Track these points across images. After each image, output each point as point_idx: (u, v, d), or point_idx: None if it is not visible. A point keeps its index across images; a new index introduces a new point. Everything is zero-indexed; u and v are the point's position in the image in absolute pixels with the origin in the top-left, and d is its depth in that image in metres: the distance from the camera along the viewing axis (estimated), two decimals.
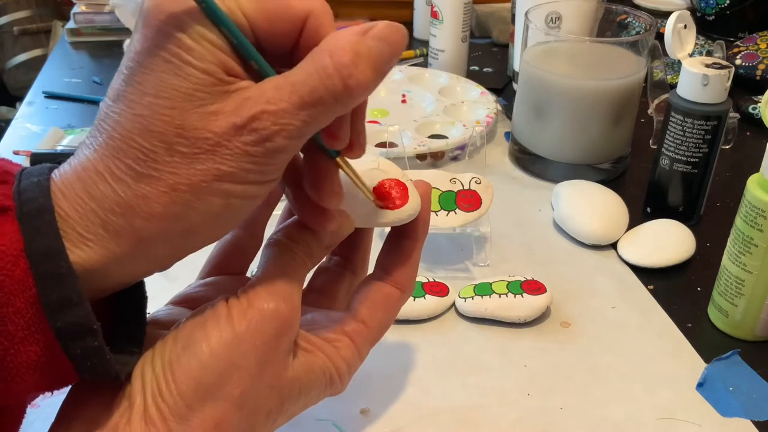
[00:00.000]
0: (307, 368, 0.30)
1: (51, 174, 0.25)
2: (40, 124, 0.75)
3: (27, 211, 0.24)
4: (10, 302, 0.23)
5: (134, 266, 0.26)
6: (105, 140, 0.25)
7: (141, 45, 0.24)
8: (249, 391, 0.28)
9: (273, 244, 0.31)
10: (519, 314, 0.49)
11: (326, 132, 0.28)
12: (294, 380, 0.30)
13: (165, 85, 0.24)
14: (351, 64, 0.24)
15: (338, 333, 0.32)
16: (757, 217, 0.45)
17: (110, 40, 0.97)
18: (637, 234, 0.58)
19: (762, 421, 0.43)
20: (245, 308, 0.28)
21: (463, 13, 0.82)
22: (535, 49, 0.67)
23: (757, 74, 0.83)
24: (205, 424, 0.27)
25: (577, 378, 0.46)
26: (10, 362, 0.24)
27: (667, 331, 0.50)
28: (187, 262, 0.29)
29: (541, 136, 0.67)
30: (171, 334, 0.28)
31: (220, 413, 0.27)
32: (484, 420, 0.43)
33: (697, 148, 0.57)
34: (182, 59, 0.24)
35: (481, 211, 0.53)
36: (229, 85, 0.25)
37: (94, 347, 0.24)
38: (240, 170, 0.25)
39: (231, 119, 0.24)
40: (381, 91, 0.81)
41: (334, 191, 0.30)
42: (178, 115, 0.24)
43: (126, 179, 0.24)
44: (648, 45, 0.64)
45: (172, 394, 0.26)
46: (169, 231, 0.25)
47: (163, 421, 0.26)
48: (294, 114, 0.25)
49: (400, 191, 0.36)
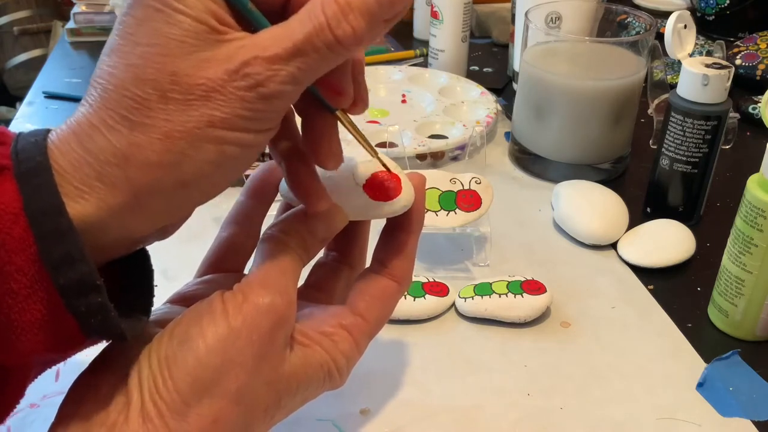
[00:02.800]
0: (304, 362, 0.30)
1: (48, 134, 0.26)
2: (40, 124, 0.75)
3: (25, 170, 0.24)
4: (11, 260, 0.23)
5: (131, 221, 0.26)
6: (99, 94, 0.25)
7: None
8: (246, 386, 0.28)
9: (267, 238, 0.31)
10: (519, 314, 0.49)
11: (327, 86, 0.28)
12: (291, 375, 0.30)
13: (157, 33, 0.24)
14: (341, 14, 0.25)
15: (336, 327, 0.32)
16: (757, 217, 0.45)
17: None
18: (637, 234, 0.58)
19: (762, 421, 0.43)
20: (240, 303, 0.28)
21: (463, 13, 0.82)
22: (535, 49, 0.67)
23: (757, 74, 0.83)
24: (202, 420, 0.27)
25: (577, 378, 0.46)
26: (15, 320, 0.24)
27: (667, 331, 0.50)
28: (186, 262, 0.29)
29: (541, 136, 0.67)
30: (167, 331, 0.28)
31: (218, 409, 0.27)
32: (484, 420, 0.43)
33: (697, 148, 0.57)
34: (173, 8, 0.24)
35: (481, 211, 0.53)
36: (222, 34, 0.25)
37: (98, 303, 0.24)
38: (234, 116, 0.25)
39: (224, 65, 0.25)
40: (381, 91, 0.81)
41: (332, 151, 0.30)
42: (170, 62, 0.24)
43: (120, 129, 0.24)
44: (648, 45, 0.64)
45: (169, 391, 0.26)
46: (163, 181, 0.25)
47: (160, 418, 0.26)
48: (287, 60, 0.25)
49: (394, 182, 0.35)
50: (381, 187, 0.35)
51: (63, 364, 0.46)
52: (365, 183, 0.35)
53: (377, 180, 0.35)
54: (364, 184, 0.35)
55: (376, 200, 0.35)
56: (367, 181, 0.35)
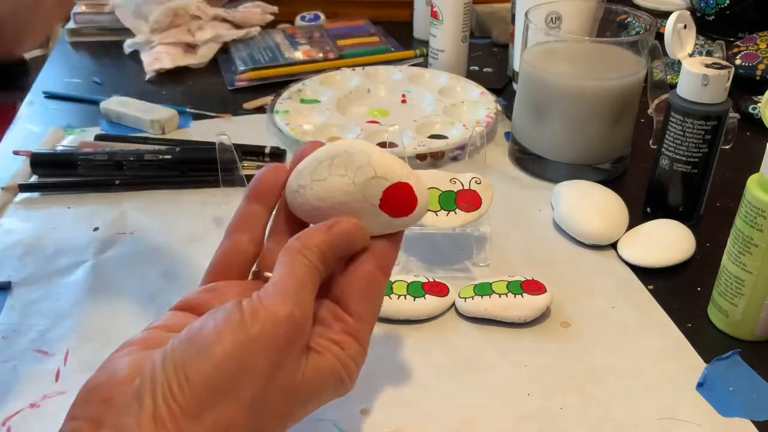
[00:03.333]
0: (317, 370, 0.31)
1: None
2: (40, 125, 0.75)
3: None
4: None
5: None
6: None
7: None
8: (260, 393, 0.28)
9: (289, 250, 0.32)
10: (519, 314, 0.49)
11: None
12: (304, 383, 0.30)
13: None
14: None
15: (341, 334, 0.32)
16: (757, 217, 0.45)
17: (110, 40, 0.97)
18: (637, 234, 0.58)
19: (762, 421, 0.43)
20: (259, 312, 0.28)
21: (463, 13, 0.82)
22: (535, 49, 0.67)
23: (757, 74, 0.83)
24: (216, 425, 0.27)
25: (577, 378, 0.46)
26: None
27: (667, 331, 0.50)
28: (187, 263, 0.30)
29: (541, 136, 0.67)
30: (184, 337, 0.28)
31: (231, 415, 0.27)
32: (484, 420, 0.43)
33: (696, 148, 0.57)
34: None
35: (481, 211, 0.53)
36: None
37: None
38: None
39: None
40: (381, 91, 0.81)
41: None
42: None
43: None
44: (648, 45, 0.64)
45: (184, 394, 0.27)
46: None
47: (173, 422, 0.26)
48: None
49: (406, 193, 0.35)
50: (397, 204, 0.35)
51: (63, 365, 0.46)
52: (380, 203, 0.35)
53: (392, 198, 0.35)
54: (379, 204, 0.35)
55: (396, 217, 0.35)
56: (382, 200, 0.35)
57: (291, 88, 0.79)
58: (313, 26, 1.00)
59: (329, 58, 0.90)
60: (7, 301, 0.52)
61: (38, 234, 0.59)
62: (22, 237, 0.58)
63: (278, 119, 0.73)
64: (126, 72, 0.90)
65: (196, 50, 0.92)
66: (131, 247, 0.57)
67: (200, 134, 0.74)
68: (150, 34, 0.91)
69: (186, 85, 0.86)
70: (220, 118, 0.78)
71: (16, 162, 0.67)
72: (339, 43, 0.93)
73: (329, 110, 0.75)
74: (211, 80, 0.88)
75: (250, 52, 0.91)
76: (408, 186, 0.35)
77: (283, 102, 0.76)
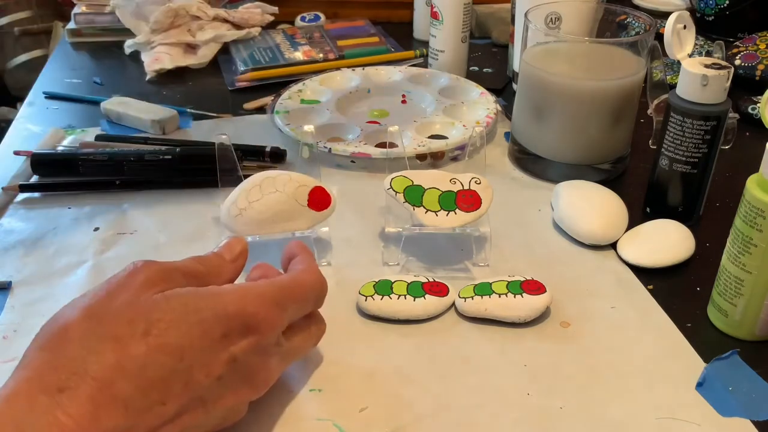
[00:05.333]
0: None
1: None
2: (40, 125, 0.76)
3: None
4: None
5: None
6: None
7: None
8: (96, 306, 0.35)
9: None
10: (519, 314, 0.49)
11: None
12: (156, 301, 0.36)
13: None
14: None
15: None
16: (757, 217, 0.45)
17: (111, 41, 0.97)
18: (637, 234, 0.58)
19: (762, 421, 0.43)
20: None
21: (463, 13, 0.83)
22: (534, 49, 0.67)
23: (756, 74, 0.83)
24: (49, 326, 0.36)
25: (577, 378, 0.46)
26: None
27: (666, 330, 0.50)
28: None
29: (540, 136, 0.67)
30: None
31: (67, 317, 0.35)
32: (484, 420, 0.43)
33: (696, 148, 0.57)
34: None
35: (481, 211, 0.53)
36: None
37: None
38: None
39: None
40: (381, 91, 0.81)
41: None
42: None
43: None
44: (647, 45, 0.64)
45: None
46: None
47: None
48: None
49: (323, 193, 0.52)
50: (320, 201, 0.52)
51: None
52: (308, 203, 0.51)
53: (315, 197, 0.52)
54: (307, 204, 0.51)
55: (319, 211, 0.52)
56: (309, 201, 0.51)
57: (291, 89, 0.80)
58: (313, 26, 1.00)
59: (329, 58, 0.90)
60: (7, 301, 0.52)
61: (39, 234, 0.59)
62: (23, 237, 0.58)
63: (278, 119, 0.73)
64: (126, 72, 0.90)
65: (196, 50, 0.92)
66: (131, 247, 0.58)
67: (200, 134, 0.75)
68: (150, 34, 0.91)
69: (186, 85, 0.87)
70: (220, 119, 0.78)
71: (16, 162, 0.68)
72: (339, 44, 0.94)
73: (329, 111, 0.75)
74: (212, 80, 0.88)
75: (250, 53, 0.91)
76: (322, 188, 0.52)
77: (283, 102, 0.77)
